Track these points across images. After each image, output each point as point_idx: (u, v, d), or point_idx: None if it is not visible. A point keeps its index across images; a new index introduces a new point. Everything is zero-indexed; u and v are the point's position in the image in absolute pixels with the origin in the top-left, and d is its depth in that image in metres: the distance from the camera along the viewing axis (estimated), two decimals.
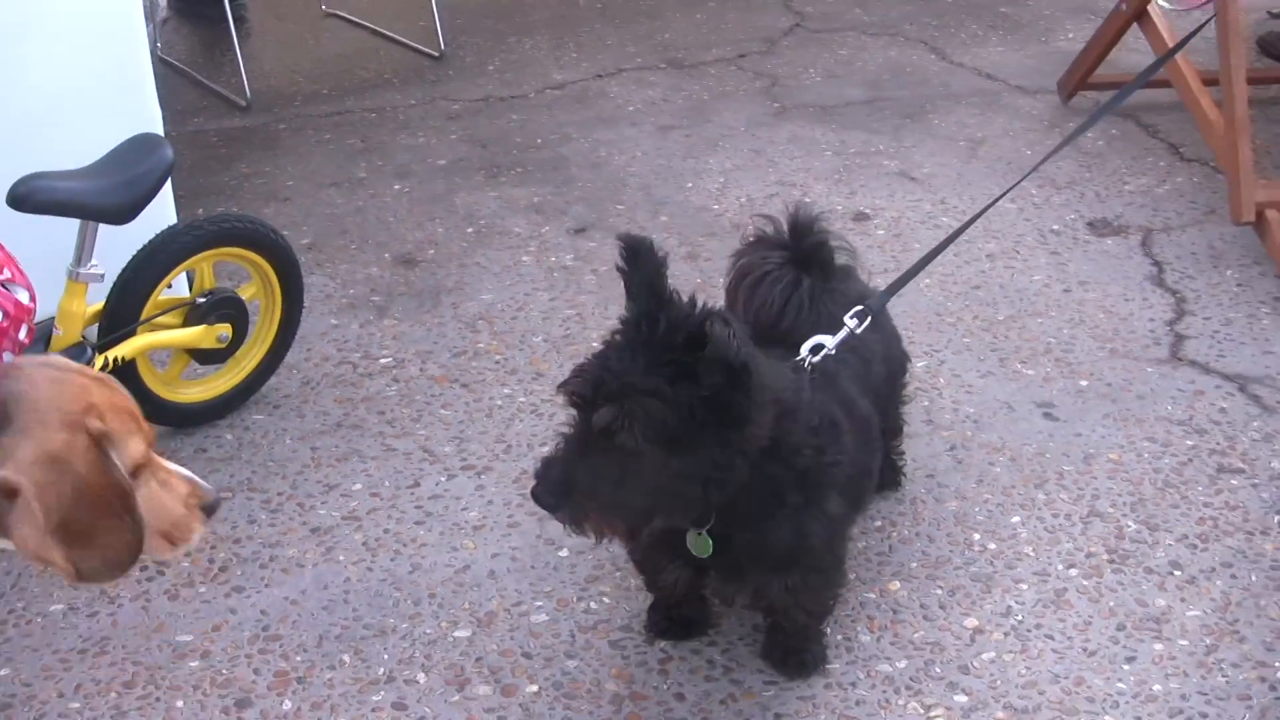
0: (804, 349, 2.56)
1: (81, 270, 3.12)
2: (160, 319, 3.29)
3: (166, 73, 5.77)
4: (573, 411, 2.26)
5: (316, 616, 2.85)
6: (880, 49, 5.78)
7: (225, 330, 3.36)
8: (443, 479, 3.24)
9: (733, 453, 2.23)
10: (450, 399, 3.53)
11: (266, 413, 3.51)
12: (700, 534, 2.40)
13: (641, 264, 2.24)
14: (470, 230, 4.37)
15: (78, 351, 3.12)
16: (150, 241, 3.25)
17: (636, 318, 2.23)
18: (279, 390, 3.58)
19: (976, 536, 3.02)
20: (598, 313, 3.84)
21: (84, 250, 3.11)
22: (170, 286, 3.35)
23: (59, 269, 3.10)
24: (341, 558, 3.01)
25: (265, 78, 5.67)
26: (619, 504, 2.23)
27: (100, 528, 1.75)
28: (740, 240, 2.90)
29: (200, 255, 3.30)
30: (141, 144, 3.20)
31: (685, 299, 2.23)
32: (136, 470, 1.82)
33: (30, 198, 2.97)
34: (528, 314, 3.89)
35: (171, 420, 3.43)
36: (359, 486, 3.23)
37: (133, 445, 1.80)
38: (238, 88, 5.49)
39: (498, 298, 3.98)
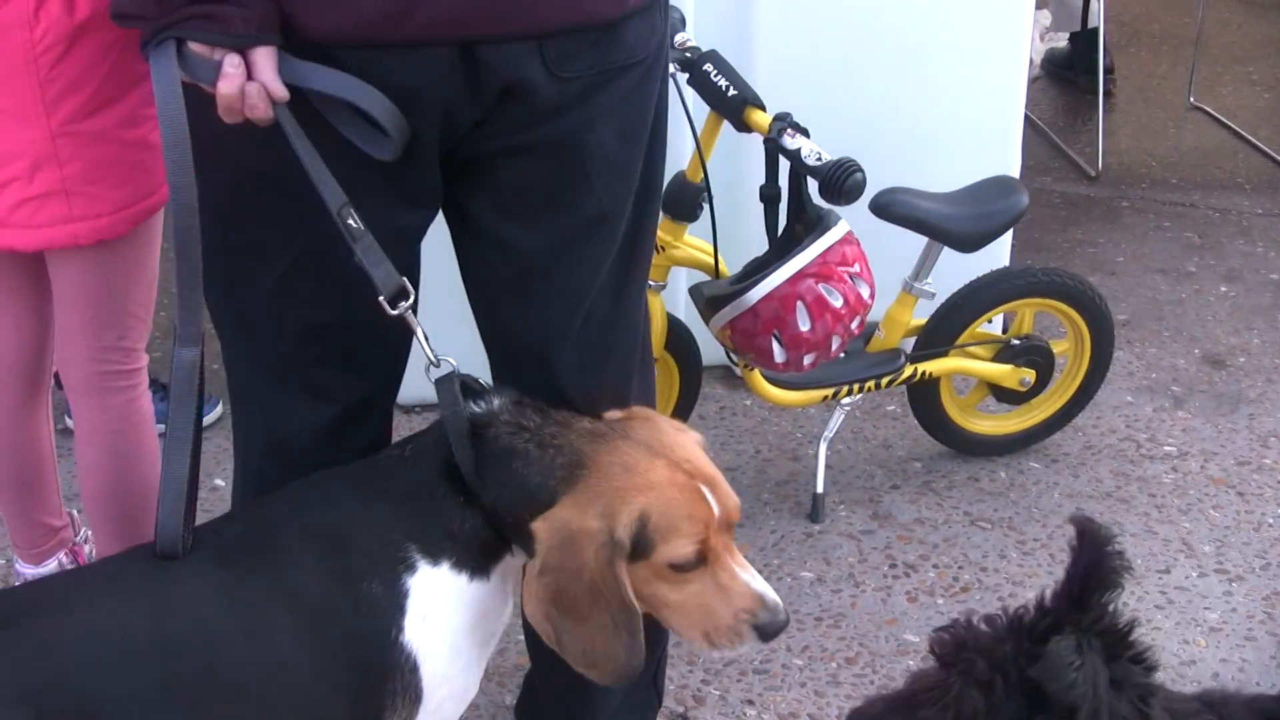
0: None
1: (917, 284, 3.34)
2: (972, 348, 3.47)
3: (1025, 128, 5.96)
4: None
5: None
6: None
7: (1029, 376, 3.50)
8: (1193, 574, 3.26)
9: None
10: (1222, 502, 3.53)
11: (1043, 463, 3.64)
12: None
13: (1083, 549, 1.77)
14: None
15: (892, 356, 3.35)
16: (984, 275, 3.43)
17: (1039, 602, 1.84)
18: (1060, 446, 3.70)
19: None
20: None
21: (924, 267, 3.33)
22: (990, 322, 3.54)
23: (895, 279, 3.35)
24: None
25: (1119, 154, 5.76)
26: None
27: (589, 616, 1.79)
28: None
29: (1025, 300, 3.46)
30: (1002, 185, 3.39)
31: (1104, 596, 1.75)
32: (677, 570, 1.81)
33: (889, 208, 3.22)
34: None
35: (954, 444, 3.62)
36: None
37: (676, 547, 1.79)
38: (1090, 158, 5.62)
39: None
